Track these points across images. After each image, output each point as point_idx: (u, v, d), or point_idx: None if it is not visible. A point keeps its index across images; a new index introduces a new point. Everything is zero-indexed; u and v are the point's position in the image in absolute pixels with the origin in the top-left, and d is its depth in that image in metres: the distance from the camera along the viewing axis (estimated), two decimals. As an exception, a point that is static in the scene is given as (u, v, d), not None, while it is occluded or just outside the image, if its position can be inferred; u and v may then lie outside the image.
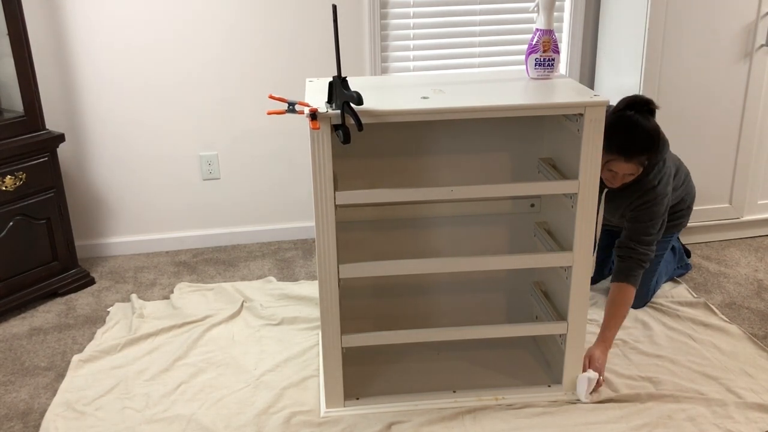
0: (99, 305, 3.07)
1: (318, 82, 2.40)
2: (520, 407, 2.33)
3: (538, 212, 2.58)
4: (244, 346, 2.72)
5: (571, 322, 2.30)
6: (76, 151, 3.38)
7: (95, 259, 3.51)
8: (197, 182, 3.54)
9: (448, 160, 2.46)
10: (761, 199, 3.54)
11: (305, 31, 3.37)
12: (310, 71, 3.40)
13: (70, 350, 2.74)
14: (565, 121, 2.22)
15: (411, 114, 2.05)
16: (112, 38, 3.24)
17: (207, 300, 3.07)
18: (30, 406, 2.43)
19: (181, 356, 2.64)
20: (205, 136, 3.47)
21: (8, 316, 2.97)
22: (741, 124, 3.35)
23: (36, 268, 3.05)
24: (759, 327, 2.80)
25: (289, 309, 2.97)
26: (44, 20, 3.16)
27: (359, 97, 1.90)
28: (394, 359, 2.56)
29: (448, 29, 3.50)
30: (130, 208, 3.53)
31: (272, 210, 3.65)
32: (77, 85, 3.29)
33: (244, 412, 2.34)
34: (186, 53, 3.32)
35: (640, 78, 3.21)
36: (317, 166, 2.04)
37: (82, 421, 2.32)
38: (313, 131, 1.99)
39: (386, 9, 3.41)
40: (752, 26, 3.18)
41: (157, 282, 3.27)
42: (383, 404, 2.34)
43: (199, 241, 3.61)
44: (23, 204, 2.95)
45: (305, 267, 3.39)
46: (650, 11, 3.11)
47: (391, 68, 3.52)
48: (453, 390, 2.39)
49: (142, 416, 2.33)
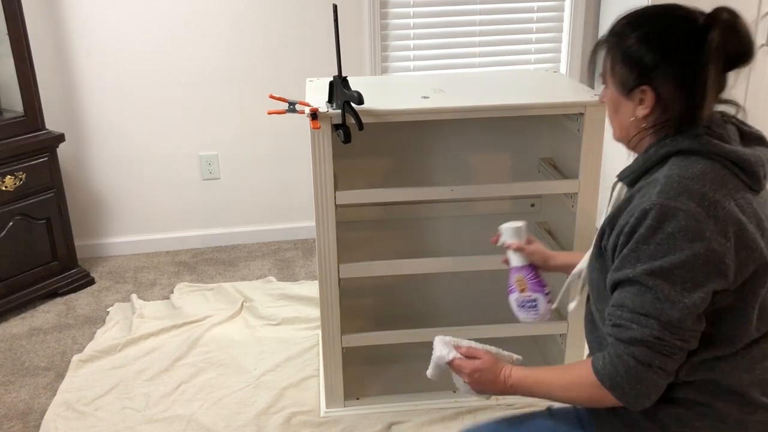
0: (99, 305, 3.07)
1: (318, 81, 2.40)
2: (520, 407, 2.33)
3: (538, 212, 2.58)
4: (244, 346, 2.71)
5: (571, 322, 2.30)
6: (76, 151, 3.38)
7: (95, 259, 3.51)
8: (197, 182, 3.54)
9: (448, 160, 2.46)
10: (761, 199, 3.54)
11: (305, 31, 3.37)
12: (310, 71, 3.39)
13: (69, 350, 2.74)
14: (566, 120, 2.22)
15: (411, 114, 2.05)
16: (112, 38, 3.24)
17: (207, 300, 3.06)
18: (30, 406, 2.42)
19: (181, 356, 2.64)
20: (205, 136, 3.47)
21: (8, 316, 2.97)
22: (741, 124, 3.35)
23: (36, 268, 3.05)
24: (759, 327, 2.80)
25: (289, 309, 2.97)
26: (44, 20, 3.16)
27: (360, 97, 1.90)
28: (394, 359, 2.56)
29: (448, 29, 3.50)
30: (130, 208, 3.52)
31: (272, 210, 3.64)
32: (77, 85, 3.29)
33: (244, 412, 2.34)
34: (186, 53, 3.32)
35: (640, 78, 3.21)
36: (317, 166, 2.04)
37: (82, 421, 2.32)
38: (313, 131, 1.99)
39: (386, 9, 3.41)
40: (752, 26, 3.18)
41: (157, 282, 3.27)
42: (383, 404, 2.34)
43: (199, 241, 3.61)
44: (23, 204, 2.95)
45: (305, 267, 3.39)
46: (650, 11, 3.11)
47: (391, 68, 3.52)
48: (453, 390, 2.39)
49: (142, 416, 2.33)
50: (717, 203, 1.17)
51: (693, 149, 1.23)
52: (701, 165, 1.21)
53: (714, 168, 1.21)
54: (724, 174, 1.21)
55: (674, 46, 1.24)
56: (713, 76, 1.20)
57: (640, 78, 1.27)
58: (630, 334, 1.21)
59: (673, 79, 1.24)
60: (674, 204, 1.17)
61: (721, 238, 1.17)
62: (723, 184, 1.19)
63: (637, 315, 1.21)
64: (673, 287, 1.18)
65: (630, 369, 1.22)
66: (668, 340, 1.20)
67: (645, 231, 1.19)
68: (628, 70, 1.28)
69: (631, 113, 1.31)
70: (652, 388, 1.23)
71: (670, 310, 1.18)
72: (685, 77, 1.23)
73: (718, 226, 1.17)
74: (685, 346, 1.21)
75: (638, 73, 1.27)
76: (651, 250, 1.19)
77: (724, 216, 1.17)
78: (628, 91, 1.29)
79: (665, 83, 1.25)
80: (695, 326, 1.21)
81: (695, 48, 1.21)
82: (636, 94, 1.29)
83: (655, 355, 1.20)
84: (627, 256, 1.22)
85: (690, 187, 1.18)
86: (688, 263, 1.17)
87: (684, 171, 1.21)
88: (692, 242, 1.16)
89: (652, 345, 1.20)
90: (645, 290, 1.20)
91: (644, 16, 1.29)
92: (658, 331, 1.19)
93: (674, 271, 1.17)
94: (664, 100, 1.26)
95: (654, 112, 1.28)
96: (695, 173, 1.20)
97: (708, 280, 1.18)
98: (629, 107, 1.31)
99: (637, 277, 1.20)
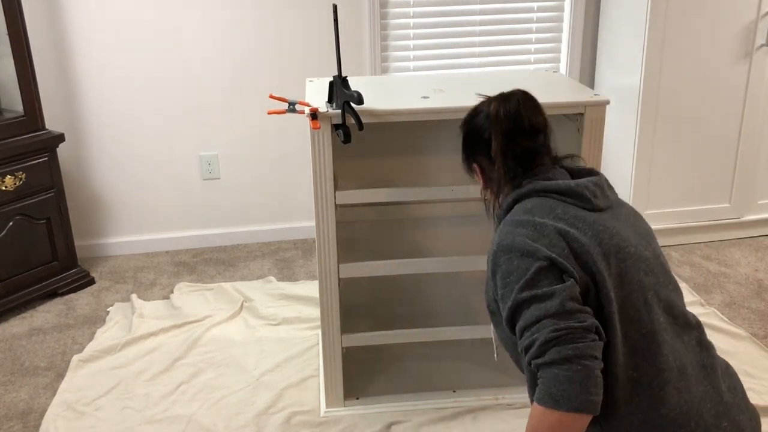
0: (99, 305, 3.07)
1: (318, 81, 2.40)
2: (520, 407, 2.32)
3: (538, 212, 2.57)
4: (244, 346, 2.71)
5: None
6: (76, 151, 3.38)
7: (95, 259, 3.51)
8: (197, 182, 3.54)
9: (448, 160, 2.46)
10: (761, 199, 3.54)
11: (305, 31, 3.37)
12: (310, 71, 3.39)
13: (69, 350, 2.74)
14: (566, 120, 2.22)
15: (411, 114, 2.05)
16: (112, 38, 3.24)
17: (207, 300, 3.06)
18: (30, 406, 2.42)
19: (181, 356, 2.64)
20: (205, 136, 3.47)
21: (8, 316, 2.97)
22: (741, 124, 3.35)
23: (36, 268, 3.05)
24: (759, 327, 2.80)
25: (289, 309, 2.97)
26: (44, 20, 3.16)
27: (360, 97, 1.90)
28: (394, 359, 2.56)
29: (448, 29, 3.50)
30: (130, 208, 3.52)
31: (272, 210, 3.64)
32: (77, 85, 3.29)
33: (244, 412, 2.34)
34: (186, 53, 3.32)
35: (640, 78, 3.21)
36: (317, 166, 2.04)
37: (82, 421, 2.32)
38: (313, 131, 1.99)
39: (386, 9, 3.41)
40: (752, 26, 3.18)
41: (156, 282, 3.27)
42: (383, 404, 2.34)
43: (199, 241, 3.61)
44: (23, 204, 2.95)
45: (305, 267, 3.39)
46: (650, 11, 3.11)
47: (391, 68, 3.52)
48: (453, 390, 2.39)
49: (142, 416, 2.33)
50: (544, 225, 1.40)
51: (523, 194, 1.51)
52: (531, 203, 1.48)
53: (541, 201, 1.47)
54: (551, 203, 1.46)
55: (477, 128, 1.58)
56: (498, 144, 1.52)
57: (468, 158, 1.63)
58: (537, 345, 1.31)
59: (484, 152, 1.57)
60: (511, 237, 1.41)
61: (555, 249, 1.37)
62: (550, 210, 1.44)
63: (532, 325, 1.33)
64: (542, 288, 1.34)
65: (557, 375, 1.28)
66: (565, 326, 1.30)
67: (504, 266, 1.39)
68: (463, 152, 1.64)
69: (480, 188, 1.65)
70: (585, 380, 1.27)
71: (551, 302, 1.32)
72: (488, 150, 1.55)
73: (551, 240, 1.38)
74: (583, 324, 1.31)
75: (467, 154, 1.63)
76: (515, 277, 1.37)
77: (550, 232, 1.39)
78: (468, 169, 1.65)
79: (481, 157, 1.59)
80: (579, 306, 1.33)
81: (488, 128, 1.54)
82: (474, 172, 1.64)
83: (566, 348, 1.29)
84: (504, 294, 1.39)
85: (521, 221, 1.43)
86: (542, 270, 1.35)
87: (514, 214, 1.47)
88: (537, 257, 1.36)
89: (557, 339, 1.29)
90: (525, 305, 1.35)
91: (468, 114, 1.63)
92: (552, 324, 1.30)
93: (536, 279, 1.35)
94: (486, 170, 1.59)
95: (487, 182, 1.61)
96: (524, 210, 1.46)
97: (565, 278, 1.35)
98: (477, 182, 1.65)
99: (516, 300, 1.36)
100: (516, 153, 1.53)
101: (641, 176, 3.35)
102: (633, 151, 3.32)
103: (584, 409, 1.27)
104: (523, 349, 1.35)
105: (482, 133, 1.56)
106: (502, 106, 1.53)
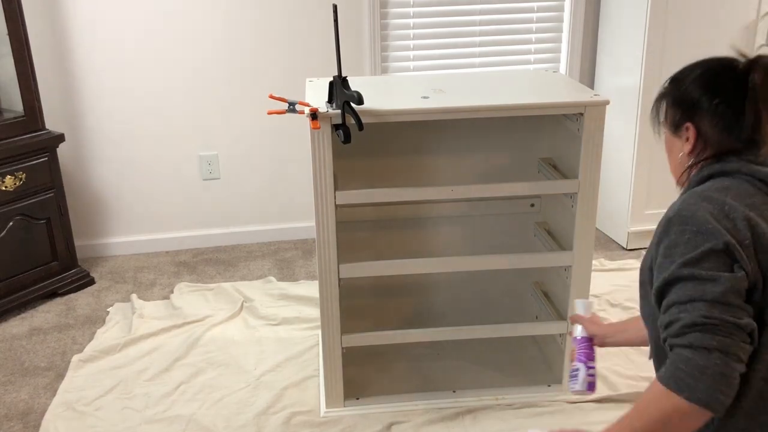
0: (99, 305, 3.07)
1: (318, 81, 2.40)
2: (520, 407, 2.32)
3: (538, 212, 2.58)
4: (244, 346, 2.71)
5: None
6: (76, 151, 3.38)
7: (95, 259, 3.51)
8: (197, 182, 3.54)
9: (448, 160, 2.46)
10: (761, 199, 3.53)
11: (305, 31, 3.37)
12: (310, 71, 3.39)
13: (69, 350, 2.74)
14: (566, 120, 2.22)
15: (411, 114, 2.05)
16: (112, 38, 3.24)
17: (207, 300, 3.06)
18: (30, 406, 2.42)
19: (181, 356, 2.64)
20: (205, 136, 3.47)
21: (8, 316, 2.97)
22: (741, 124, 3.35)
23: (36, 268, 3.05)
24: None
25: (289, 309, 2.97)
26: (44, 20, 3.16)
27: (360, 97, 1.90)
28: (394, 359, 2.56)
29: (448, 29, 3.50)
30: (130, 208, 3.52)
31: (272, 210, 3.64)
32: (77, 86, 3.29)
33: (244, 412, 2.34)
34: (186, 53, 3.32)
35: (640, 78, 3.21)
36: (317, 166, 2.04)
37: (82, 421, 2.32)
38: (313, 131, 1.99)
39: (386, 9, 3.41)
40: (752, 26, 3.18)
41: (157, 282, 3.27)
42: (383, 404, 2.34)
43: (199, 241, 3.61)
44: (23, 204, 2.95)
45: (305, 267, 3.39)
46: (650, 11, 3.11)
47: (391, 68, 3.52)
48: (453, 390, 2.39)
49: (142, 416, 2.33)
50: (734, 208, 1.26)
51: (724, 171, 1.34)
52: (728, 182, 1.32)
53: (739, 184, 1.31)
54: (748, 188, 1.30)
55: (716, 87, 1.37)
56: (753, 116, 1.31)
57: (684, 116, 1.40)
58: (680, 324, 1.21)
59: (713, 116, 1.36)
60: (693, 209, 1.27)
61: (737, 235, 1.23)
62: (748, 196, 1.29)
63: (683, 304, 1.23)
64: (707, 270, 1.22)
65: (689, 360, 1.18)
66: (718, 316, 1.19)
67: (673, 237, 1.27)
68: (675, 110, 1.42)
69: (679, 150, 1.43)
70: (719, 377, 1.17)
71: (712, 287, 1.21)
72: (724, 115, 1.35)
73: (735, 225, 1.24)
74: (738, 321, 1.19)
75: (682, 112, 1.40)
76: (680, 250, 1.25)
77: (738, 217, 1.25)
78: (675, 128, 1.42)
79: (705, 120, 1.37)
80: (740, 302, 1.21)
81: (736, 89, 1.33)
82: (682, 131, 1.41)
83: (710, 337, 1.18)
84: (662, 264, 1.28)
85: (711, 197, 1.28)
86: (714, 253, 1.23)
87: (707, 188, 1.31)
88: (713, 238, 1.23)
89: (704, 326, 1.19)
90: (683, 281, 1.24)
91: (696, 65, 1.44)
92: (705, 310, 1.20)
93: (703, 259, 1.23)
94: (704, 135, 1.38)
95: (696, 147, 1.39)
96: (719, 187, 1.30)
97: (735, 268, 1.22)
98: (678, 145, 1.43)
99: (673, 274, 1.25)
100: (756, 128, 1.34)
101: (641, 176, 3.35)
102: (633, 151, 3.32)
103: (708, 406, 1.16)
104: (663, 325, 1.24)
105: (726, 89, 1.35)
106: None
